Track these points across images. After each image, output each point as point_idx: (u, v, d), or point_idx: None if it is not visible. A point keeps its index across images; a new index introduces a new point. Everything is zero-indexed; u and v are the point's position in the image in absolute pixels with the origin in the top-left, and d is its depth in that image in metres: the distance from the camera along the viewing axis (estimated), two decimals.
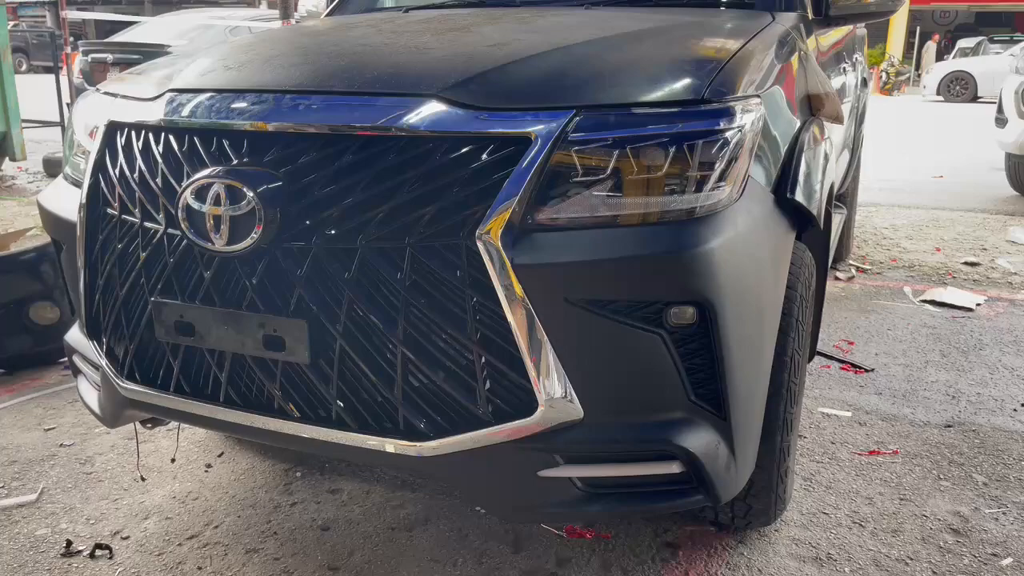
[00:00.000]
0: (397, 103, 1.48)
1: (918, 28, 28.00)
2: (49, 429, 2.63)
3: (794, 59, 1.97)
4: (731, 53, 1.68)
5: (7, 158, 7.14)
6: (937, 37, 27.87)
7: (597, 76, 1.57)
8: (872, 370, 3.20)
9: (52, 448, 2.50)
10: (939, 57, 25.74)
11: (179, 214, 1.51)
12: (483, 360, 1.44)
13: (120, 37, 9.48)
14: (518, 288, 1.39)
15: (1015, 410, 2.85)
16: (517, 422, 1.46)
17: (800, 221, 1.77)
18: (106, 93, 1.92)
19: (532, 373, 1.43)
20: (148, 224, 1.62)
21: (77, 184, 1.93)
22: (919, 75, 24.71)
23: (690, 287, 1.43)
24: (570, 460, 1.52)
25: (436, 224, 1.42)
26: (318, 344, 1.48)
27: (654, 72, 1.60)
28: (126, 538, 2.04)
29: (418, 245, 1.42)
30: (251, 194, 1.44)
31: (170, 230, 1.58)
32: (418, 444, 1.49)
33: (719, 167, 1.47)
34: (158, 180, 1.61)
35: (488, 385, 1.46)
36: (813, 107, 2.04)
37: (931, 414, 2.80)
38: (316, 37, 2.04)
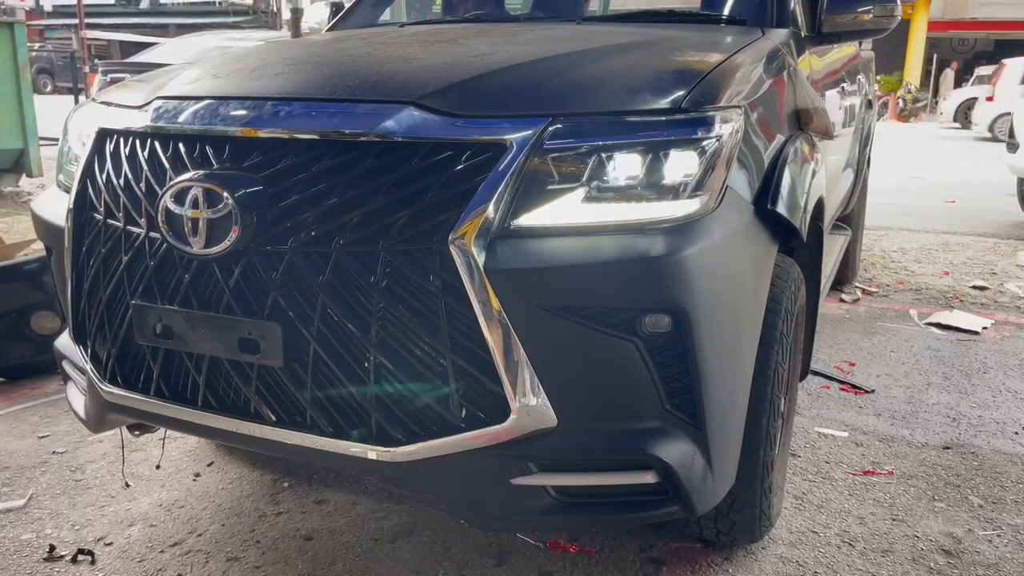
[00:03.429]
0: (374, 110, 1.50)
1: (935, 56, 27.96)
2: (43, 437, 2.64)
3: (782, 74, 1.97)
4: (713, 65, 1.68)
5: (24, 174, 7.26)
6: (955, 64, 27.80)
7: (575, 85, 1.58)
8: (872, 391, 3.16)
9: (44, 455, 2.52)
10: (957, 84, 25.66)
11: (159, 217, 1.52)
12: (456, 365, 1.44)
13: (139, 58, 9.63)
14: (491, 293, 1.39)
15: (1016, 433, 2.81)
16: (490, 428, 1.45)
17: (784, 234, 1.76)
18: (101, 102, 1.95)
19: (505, 379, 1.42)
20: (131, 228, 1.63)
21: (68, 191, 1.96)
22: (936, 102, 24.62)
23: (663, 295, 1.43)
24: (544, 468, 1.51)
25: (410, 229, 1.42)
26: (292, 348, 1.48)
27: (633, 82, 1.61)
28: (109, 544, 2.04)
29: (392, 249, 1.42)
30: (228, 197, 1.45)
31: (151, 234, 1.59)
32: (391, 450, 1.49)
33: (695, 176, 1.47)
34: (142, 185, 1.63)
35: (461, 391, 1.45)
36: (801, 122, 2.04)
37: (930, 435, 2.77)
38: (306, 49, 2.06)
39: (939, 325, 4.04)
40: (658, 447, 1.49)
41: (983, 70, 24.18)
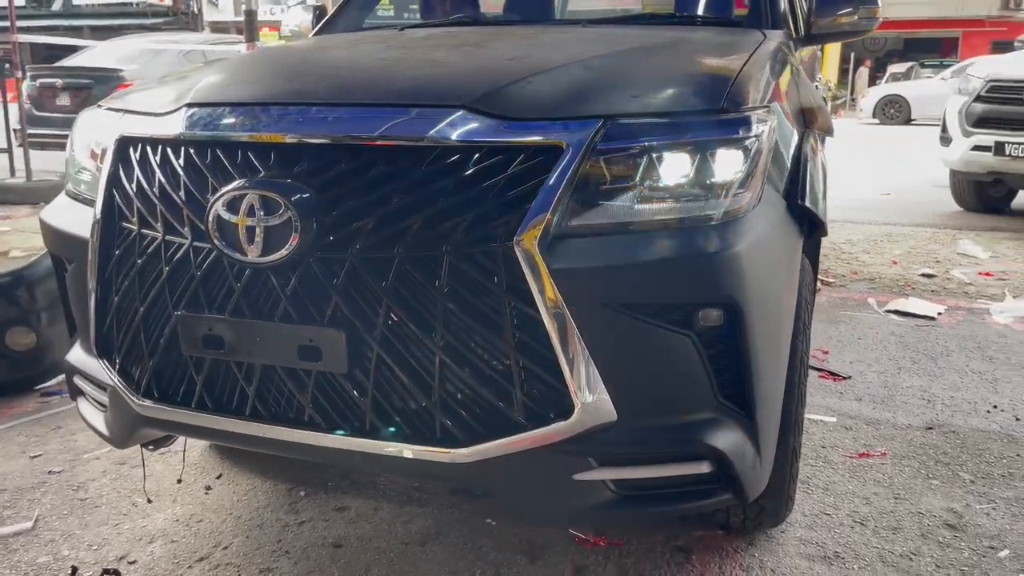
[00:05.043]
0: (428, 114, 1.51)
1: (852, 55, 29.06)
2: (35, 456, 2.55)
3: (789, 74, 2.05)
4: (740, 66, 1.74)
5: None
6: (868, 63, 28.96)
7: (620, 87, 1.62)
8: (849, 377, 3.29)
9: (41, 476, 2.43)
10: (871, 82, 26.76)
11: (209, 226, 1.50)
12: (520, 365, 1.46)
13: (68, 62, 9.28)
14: (555, 293, 1.41)
15: (988, 412, 2.97)
16: (553, 426, 1.48)
17: (808, 228, 1.84)
18: (110, 109, 1.90)
19: (568, 376, 1.45)
20: (171, 238, 1.60)
21: (77, 198, 1.91)
22: (854, 99, 25.59)
23: (719, 289, 1.47)
24: (603, 463, 1.54)
25: (472, 232, 1.44)
26: (356, 353, 1.48)
27: (673, 83, 1.66)
28: (133, 562, 1.99)
29: (455, 253, 1.44)
30: (286, 204, 1.44)
31: (196, 243, 1.56)
32: (452, 451, 1.50)
33: (741, 173, 1.52)
34: (181, 193, 1.59)
35: (525, 390, 1.47)
36: (807, 120, 2.12)
37: (911, 417, 2.90)
38: (326, 52, 2.05)
39: (897, 312, 4.22)
40: (712, 437, 1.54)
41: (896, 68, 25.30)
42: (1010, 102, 6.04)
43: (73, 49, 9.89)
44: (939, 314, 4.19)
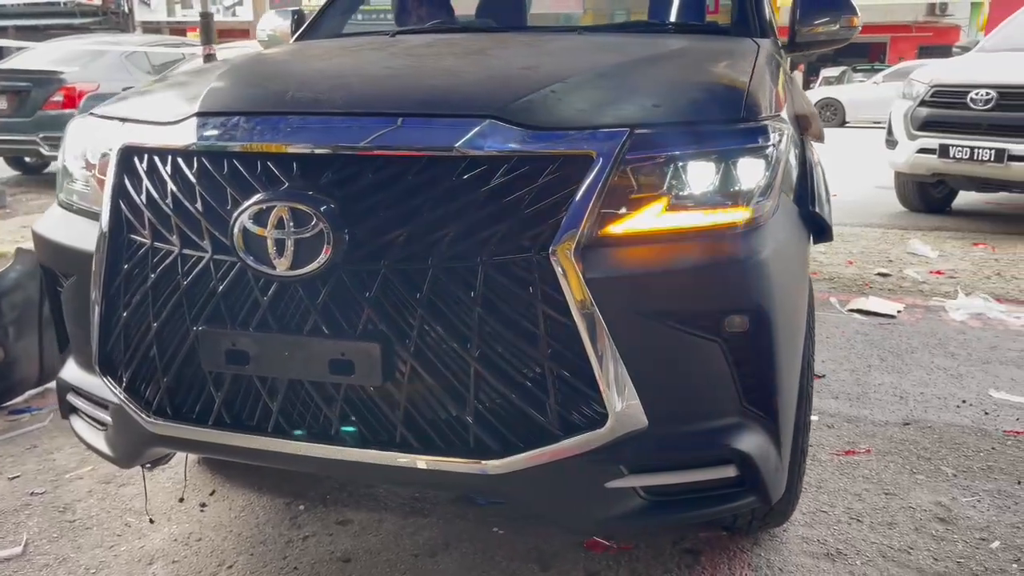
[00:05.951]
0: (455, 124, 1.49)
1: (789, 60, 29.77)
2: (14, 478, 2.44)
3: (786, 82, 2.09)
4: (749, 75, 1.77)
5: None
6: (802, 67, 29.70)
7: (640, 97, 1.63)
8: (823, 376, 3.38)
9: (23, 497, 2.33)
10: (805, 86, 27.49)
11: (235, 239, 1.46)
12: (555, 374, 1.46)
13: (5, 64, 8.93)
14: (590, 302, 1.42)
15: (958, 406, 3.07)
16: (587, 434, 1.48)
17: (816, 233, 1.88)
18: (105, 117, 1.83)
19: (603, 385, 1.46)
20: (188, 251, 1.55)
21: (71, 208, 1.85)
22: None
23: (747, 295, 1.50)
24: (634, 470, 1.55)
25: (507, 242, 1.43)
26: (390, 366, 1.45)
27: (690, 93, 1.68)
28: None
29: (489, 263, 1.43)
30: (318, 216, 1.41)
31: (217, 256, 1.52)
32: (486, 462, 1.49)
33: (763, 181, 1.55)
34: (198, 205, 1.55)
35: (559, 399, 1.47)
36: (801, 127, 2.17)
37: (887, 414, 2.99)
38: (328, 58, 2.01)
39: (860, 311, 4.34)
40: (739, 441, 1.57)
41: (828, 72, 26.03)
42: (953, 106, 6.26)
43: (1, 50, 9.53)
44: (899, 312, 4.32)
